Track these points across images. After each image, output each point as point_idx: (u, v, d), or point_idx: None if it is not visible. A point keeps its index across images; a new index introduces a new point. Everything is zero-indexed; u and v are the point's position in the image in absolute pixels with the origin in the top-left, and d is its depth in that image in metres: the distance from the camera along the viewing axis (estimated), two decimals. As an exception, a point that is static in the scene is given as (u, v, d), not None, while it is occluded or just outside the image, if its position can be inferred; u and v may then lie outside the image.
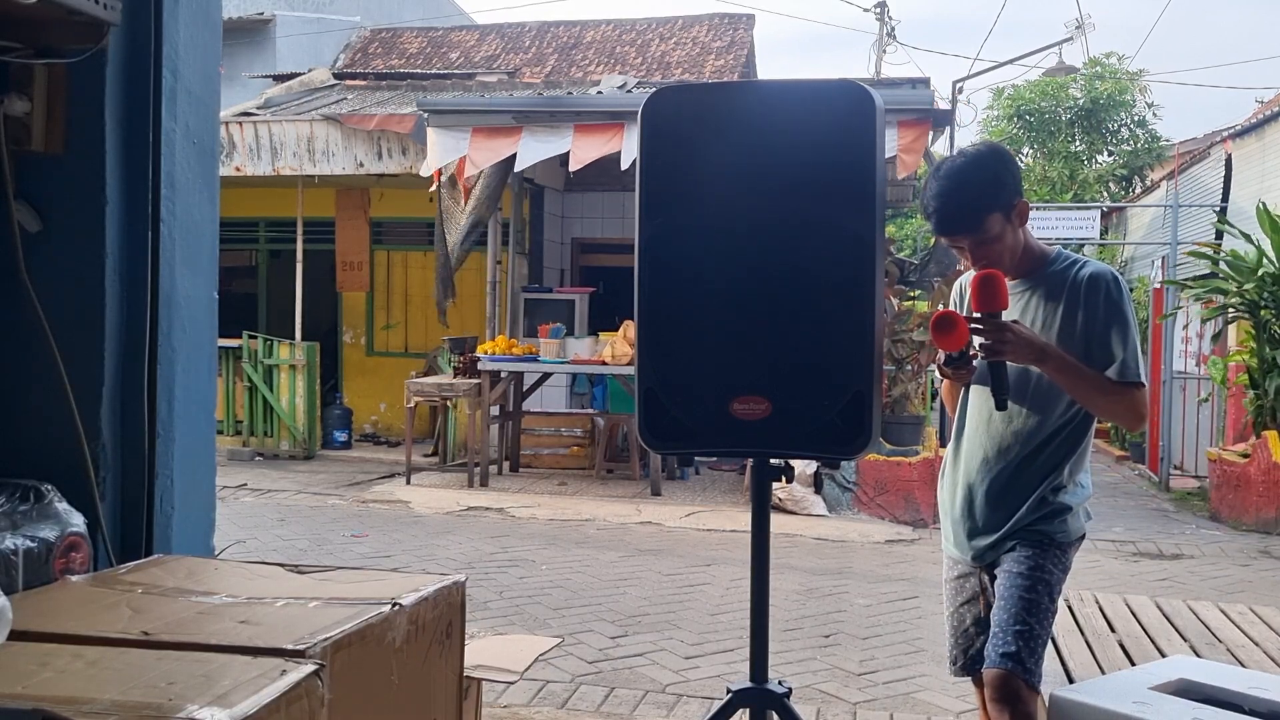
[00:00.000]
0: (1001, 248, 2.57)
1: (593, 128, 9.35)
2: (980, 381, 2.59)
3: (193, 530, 2.67)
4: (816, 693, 4.31)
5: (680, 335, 2.33)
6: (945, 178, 2.57)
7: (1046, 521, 2.58)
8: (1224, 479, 9.12)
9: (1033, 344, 2.48)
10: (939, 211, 2.56)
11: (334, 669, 1.57)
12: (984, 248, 2.56)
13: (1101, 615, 4.12)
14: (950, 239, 2.62)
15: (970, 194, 2.54)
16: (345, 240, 12.67)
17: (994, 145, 2.82)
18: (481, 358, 9.57)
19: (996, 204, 2.53)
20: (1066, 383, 2.52)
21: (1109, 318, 2.53)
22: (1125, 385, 2.51)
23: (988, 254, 2.56)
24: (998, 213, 2.53)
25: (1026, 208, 2.59)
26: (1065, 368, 2.50)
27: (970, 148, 2.76)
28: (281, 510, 8.30)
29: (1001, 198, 2.54)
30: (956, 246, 2.63)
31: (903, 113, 8.76)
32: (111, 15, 2.39)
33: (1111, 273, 2.59)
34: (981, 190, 2.54)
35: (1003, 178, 2.57)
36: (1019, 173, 2.66)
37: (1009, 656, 2.46)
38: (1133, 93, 20.84)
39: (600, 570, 6.46)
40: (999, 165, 2.59)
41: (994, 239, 2.55)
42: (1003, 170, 2.58)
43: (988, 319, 2.44)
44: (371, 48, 16.32)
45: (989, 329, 2.44)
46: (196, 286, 2.69)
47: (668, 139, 2.31)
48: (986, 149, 2.72)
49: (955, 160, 2.63)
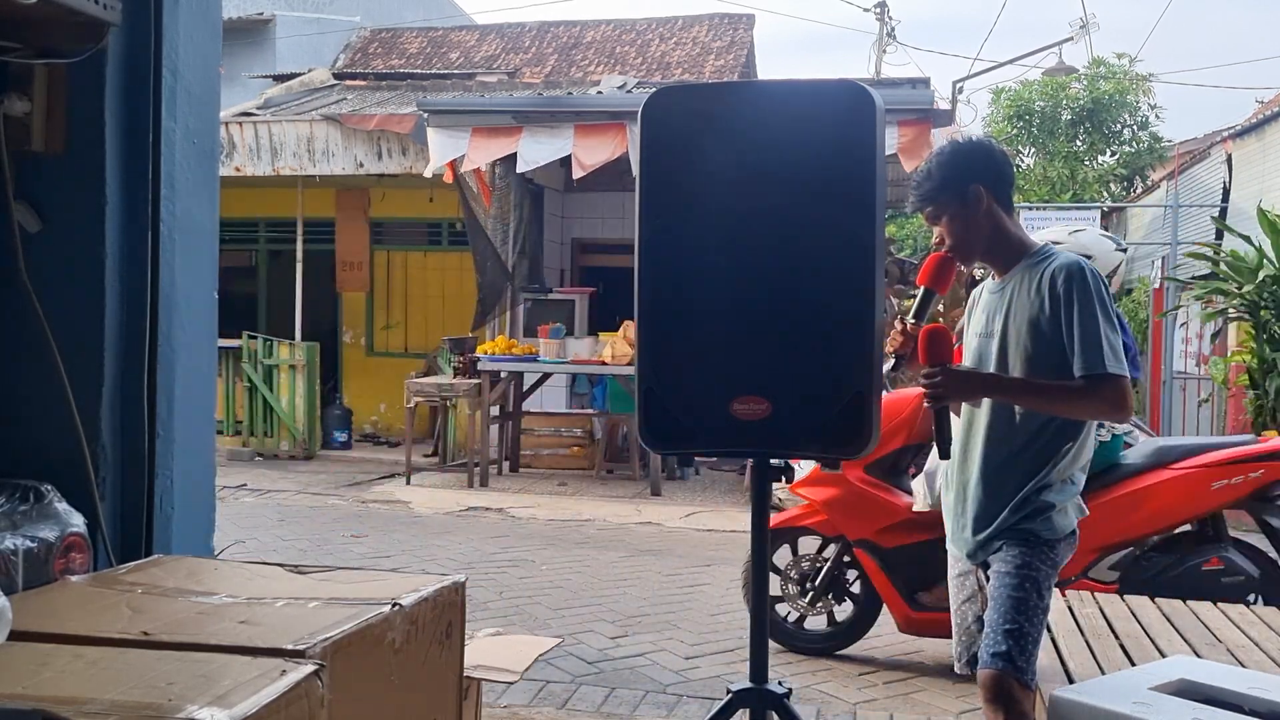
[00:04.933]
0: (964, 231, 2.62)
1: (593, 128, 9.35)
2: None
3: (193, 530, 2.67)
4: (816, 693, 4.31)
5: (680, 335, 2.33)
6: (921, 170, 2.70)
7: (1030, 520, 2.59)
8: (1224, 479, 9.09)
9: (971, 381, 2.57)
10: (913, 189, 2.69)
11: (334, 669, 1.57)
12: (948, 230, 2.63)
13: (1101, 615, 4.12)
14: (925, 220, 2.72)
15: (927, 173, 2.66)
16: (345, 240, 12.67)
17: (980, 138, 2.92)
18: (481, 358, 9.57)
19: (950, 184, 2.61)
20: (1030, 404, 2.56)
21: (1070, 310, 2.51)
22: (1095, 380, 2.47)
23: (952, 237, 2.64)
24: (949, 192, 2.61)
25: (981, 194, 2.61)
26: (1021, 391, 2.56)
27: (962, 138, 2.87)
28: (281, 510, 8.30)
29: (956, 178, 2.61)
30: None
31: (903, 113, 8.76)
32: (111, 15, 2.39)
33: (1078, 263, 2.56)
34: (941, 170, 2.64)
35: (961, 160, 2.64)
36: (997, 164, 2.69)
37: (999, 656, 2.48)
38: (1136, 94, 20.83)
39: (600, 570, 6.46)
40: (966, 148, 2.69)
41: (954, 219, 2.61)
42: (969, 153, 2.67)
43: (930, 371, 2.50)
44: (371, 48, 16.33)
45: (926, 378, 2.51)
46: (196, 286, 2.69)
47: (668, 139, 2.31)
48: (973, 139, 2.82)
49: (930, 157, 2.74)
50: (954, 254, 2.65)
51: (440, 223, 12.60)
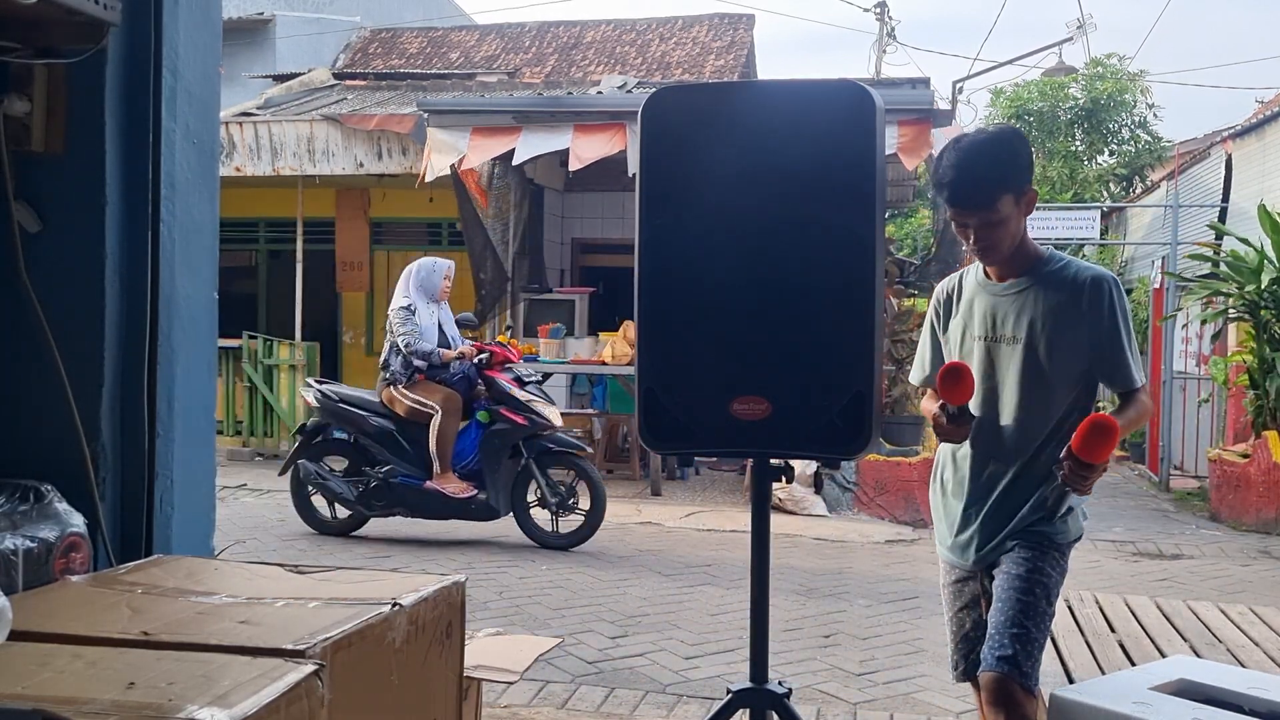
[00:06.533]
0: (1005, 233, 2.52)
1: (593, 128, 9.35)
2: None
3: (193, 530, 2.67)
4: (816, 693, 4.31)
5: (680, 335, 2.33)
6: (966, 150, 2.51)
7: (1047, 522, 2.57)
8: (1224, 479, 9.12)
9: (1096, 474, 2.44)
10: (955, 183, 2.50)
11: (334, 669, 1.57)
12: (989, 230, 2.51)
13: (1101, 615, 4.12)
14: (959, 214, 2.54)
15: (988, 169, 2.48)
16: (345, 240, 12.66)
17: (1015, 128, 2.79)
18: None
19: (1011, 184, 2.49)
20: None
21: (1115, 328, 2.53)
22: (1135, 393, 2.55)
23: (992, 237, 2.52)
24: (1010, 194, 2.49)
25: (1035, 198, 2.56)
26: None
27: (992, 126, 2.76)
28: (281, 510, 8.29)
29: (1017, 179, 2.51)
30: (962, 225, 2.55)
31: (903, 112, 8.76)
32: (111, 15, 2.39)
33: (1111, 276, 2.58)
34: (1001, 167, 2.49)
35: (1021, 160, 2.54)
36: (1033, 162, 2.65)
37: (1005, 660, 2.44)
38: (1133, 93, 20.84)
39: (600, 570, 6.46)
40: (1020, 146, 2.58)
41: (1001, 221, 2.50)
42: (1023, 151, 2.57)
43: (1077, 463, 2.35)
44: (371, 48, 16.33)
45: (1075, 478, 2.37)
46: (196, 287, 2.69)
47: (668, 139, 2.32)
48: (1009, 129, 2.69)
49: (977, 135, 2.58)
50: (986, 254, 2.57)
51: (440, 223, 12.59)
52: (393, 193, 12.31)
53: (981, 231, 2.52)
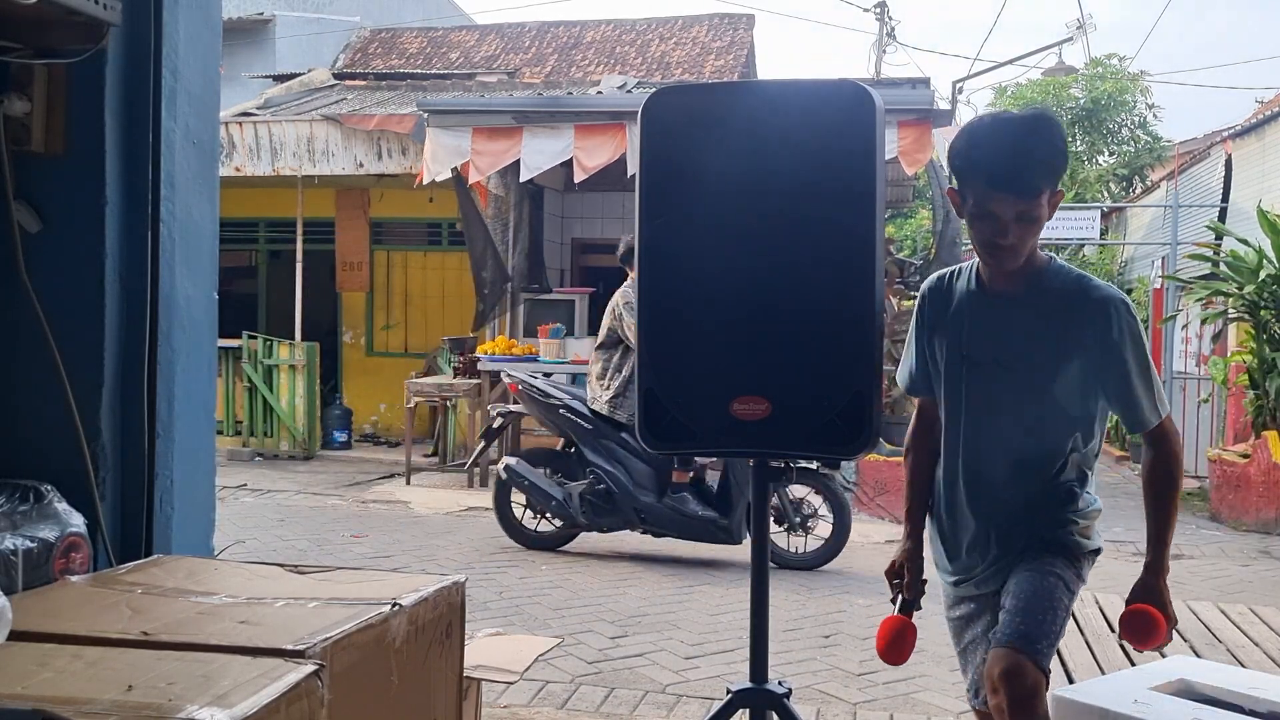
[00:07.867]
0: (1034, 233, 2.31)
1: (593, 128, 9.35)
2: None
3: (193, 530, 2.68)
4: (816, 693, 4.31)
5: (680, 335, 2.33)
6: (1016, 128, 2.28)
7: (1069, 530, 2.44)
8: (1224, 479, 9.12)
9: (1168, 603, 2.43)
10: (1003, 162, 2.23)
11: (334, 669, 1.57)
12: (1025, 226, 2.27)
13: (1101, 615, 4.12)
14: (999, 200, 2.25)
15: (1044, 150, 2.26)
16: (345, 240, 12.66)
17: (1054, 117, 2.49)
18: (481, 358, 9.56)
19: (1056, 174, 2.30)
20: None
21: (1123, 362, 2.33)
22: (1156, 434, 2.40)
23: (1021, 232, 2.28)
24: (1048, 188, 2.28)
25: (1060, 200, 2.35)
26: (1170, 531, 2.46)
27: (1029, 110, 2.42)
28: (281, 510, 8.30)
29: (1059, 172, 2.32)
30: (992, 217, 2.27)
31: (903, 113, 8.76)
32: (111, 15, 2.39)
33: (1121, 298, 2.37)
34: (1053, 152, 2.28)
35: (1065, 152, 2.34)
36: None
37: (1017, 635, 2.28)
38: (1134, 94, 20.86)
39: (600, 570, 6.46)
40: (1063, 142, 2.35)
41: (1038, 217, 2.28)
42: (1065, 148, 2.36)
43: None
44: (371, 48, 16.32)
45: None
46: (196, 287, 2.69)
47: (667, 139, 2.31)
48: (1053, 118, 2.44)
49: (1021, 114, 2.36)
50: (1008, 256, 2.33)
51: (440, 223, 12.60)
52: (392, 193, 12.31)
53: (1016, 226, 2.26)
